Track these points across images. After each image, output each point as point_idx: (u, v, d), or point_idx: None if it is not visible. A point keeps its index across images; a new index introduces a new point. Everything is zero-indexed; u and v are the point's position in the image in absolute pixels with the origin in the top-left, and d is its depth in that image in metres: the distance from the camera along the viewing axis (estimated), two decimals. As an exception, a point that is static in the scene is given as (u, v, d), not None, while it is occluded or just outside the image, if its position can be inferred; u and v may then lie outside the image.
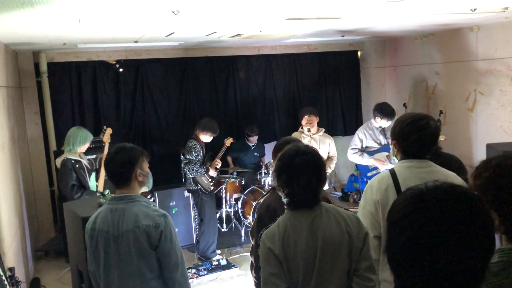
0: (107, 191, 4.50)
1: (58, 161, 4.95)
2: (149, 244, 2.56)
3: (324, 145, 5.59)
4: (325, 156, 5.59)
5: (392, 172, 2.61)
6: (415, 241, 1.07)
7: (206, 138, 5.72)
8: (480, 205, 1.10)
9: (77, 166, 4.87)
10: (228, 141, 6.22)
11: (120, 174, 2.65)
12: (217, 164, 5.86)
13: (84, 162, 4.98)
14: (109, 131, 5.20)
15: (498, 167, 1.56)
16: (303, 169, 2.14)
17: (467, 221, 1.06)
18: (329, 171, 5.64)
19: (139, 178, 2.69)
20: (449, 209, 1.07)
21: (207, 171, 5.72)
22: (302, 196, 2.17)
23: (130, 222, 2.56)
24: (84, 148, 5.01)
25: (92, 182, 4.97)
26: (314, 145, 5.49)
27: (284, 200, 2.24)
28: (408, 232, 1.08)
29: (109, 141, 5.16)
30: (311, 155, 2.20)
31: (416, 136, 2.55)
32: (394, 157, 2.77)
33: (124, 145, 2.76)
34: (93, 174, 5.04)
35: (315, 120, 5.67)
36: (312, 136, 5.58)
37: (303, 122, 5.67)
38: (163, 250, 2.58)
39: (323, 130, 5.76)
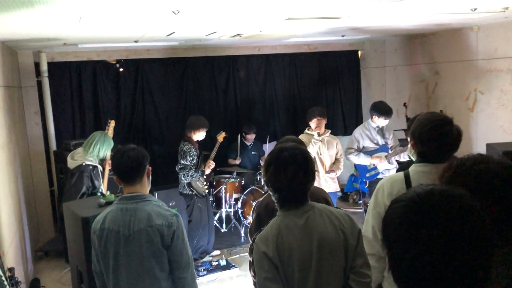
0: (107, 193, 4.47)
1: (72, 163, 4.71)
2: (162, 243, 2.56)
3: (332, 147, 5.45)
4: (333, 158, 5.46)
5: (407, 176, 2.52)
6: (421, 259, 1.03)
7: (201, 135, 5.66)
8: (476, 205, 1.08)
9: (94, 172, 4.68)
10: (221, 136, 6.03)
11: (134, 170, 2.64)
12: (211, 166, 5.75)
13: (100, 167, 4.79)
14: (112, 123, 5.03)
15: (457, 167, 1.56)
16: (290, 162, 2.16)
17: (469, 223, 1.04)
18: (338, 172, 5.46)
19: (149, 175, 2.72)
20: (449, 215, 1.05)
21: (202, 173, 5.66)
22: (290, 190, 2.15)
23: (143, 222, 2.56)
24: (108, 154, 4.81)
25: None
26: (322, 148, 5.41)
27: (274, 198, 2.23)
28: (412, 251, 1.04)
29: (113, 135, 4.99)
30: (299, 150, 2.23)
31: (437, 144, 2.45)
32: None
33: (132, 145, 2.76)
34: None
35: (324, 122, 5.46)
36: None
37: (312, 124, 5.45)
38: (175, 249, 2.59)
39: (329, 131, 5.59)
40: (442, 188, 1.12)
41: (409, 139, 2.71)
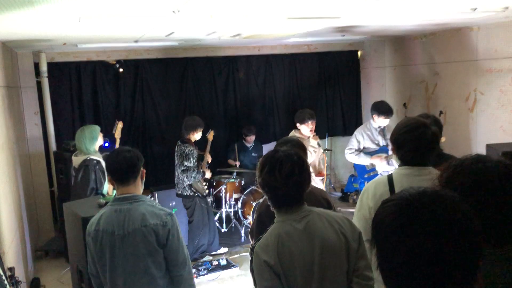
0: (114, 192, 4.44)
1: (77, 160, 4.72)
2: (157, 242, 2.57)
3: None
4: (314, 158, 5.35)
5: (390, 178, 2.58)
6: (412, 256, 1.04)
7: (199, 135, 5.70)
8: (466, 207, 1.10)
9: (97, 167, 4.64)
10: (210, 135, 6.04)
11: (129, 171, 2.65)
12: (209, 160, 5.83)
13: (103, 163, 4.70)
14: (120, 125, 5.01)
15: (456, 167, 1.57)
16: (285, 160, 2.15)
17: (458, 224, 1.05)
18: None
19: (143, 177, 2.74)
20: (439, 215, 1.06)
21: (203, 175, 5.70)
22: (286, 188, 2.11)
23: (137, 222, 2.57)
24: (100, 141, 4.80)
25: (106, 184, 4.76)
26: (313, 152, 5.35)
27: (269, 202, 2.21)
28: (403, 248, 1.05)
29: (120, 136, 4.99)
30: (294, 151, 2.25)
31: (411, 146, 2.54)
32: (393, 160, 2.78)
33: (127, 147, 2.76)
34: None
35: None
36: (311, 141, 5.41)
37: (306, 128, 5.34)
38: (171, 248, 2.60)
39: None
40: (433, 189, 1.13)
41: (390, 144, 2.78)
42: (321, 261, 2.07)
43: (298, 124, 5.46)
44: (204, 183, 5.79)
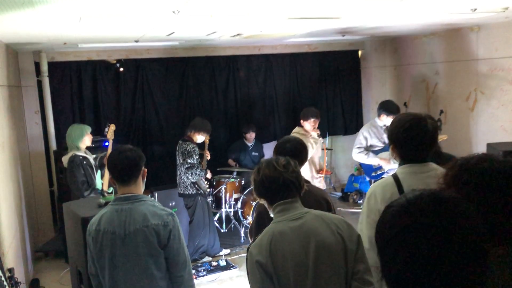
0: (111, 189, 4.49)
1: (65, 159, 4.83)
2: (159, 243, 2.56)
3: (319, 147, 5.53)
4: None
5: (396, 178, 2.51)
6: (411, 261, 1.03)
7: (201, 138, 5.71)
8: (467, 207, 1.08)
9: (84, 162, 4.76)
10: (206, 138, 6.01)
11: (130, 170, 2.63)
12: (208, 157, 5.86)
13: (91, 159, 4.89)
14: (112, 127, 5.10)
15: (462, 165, 1.56)
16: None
17: (458, 227, 1.04)
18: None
19: (144, 176, 2.73)
20: (436, 219, 1.05)
21: (205, 173, 5.73)
22: (286, 174, 2.16)
23: (139, 222, 2.55)
24: (86, 141, 4.89)
25: (98, 180, 4.88)
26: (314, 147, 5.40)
27: (267, 202, 2.23)
28: (401, 254, 1.05)
29: (113, 137, 5.06)
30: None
31: (415, 143, 2.48)
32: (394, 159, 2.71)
33: (129, 146, 2.75)
34: (99, 172, 4.95)
35: (318, 123, 5.51)
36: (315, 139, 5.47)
37: (308, 125, 5.42)
38: (172, 248, 2.59)
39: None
40: (432, 192, 1.12)
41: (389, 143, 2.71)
42: (316, 261, 2.04)
43: (302, 121, 5.53)
44: (206, 182, 5.81)
